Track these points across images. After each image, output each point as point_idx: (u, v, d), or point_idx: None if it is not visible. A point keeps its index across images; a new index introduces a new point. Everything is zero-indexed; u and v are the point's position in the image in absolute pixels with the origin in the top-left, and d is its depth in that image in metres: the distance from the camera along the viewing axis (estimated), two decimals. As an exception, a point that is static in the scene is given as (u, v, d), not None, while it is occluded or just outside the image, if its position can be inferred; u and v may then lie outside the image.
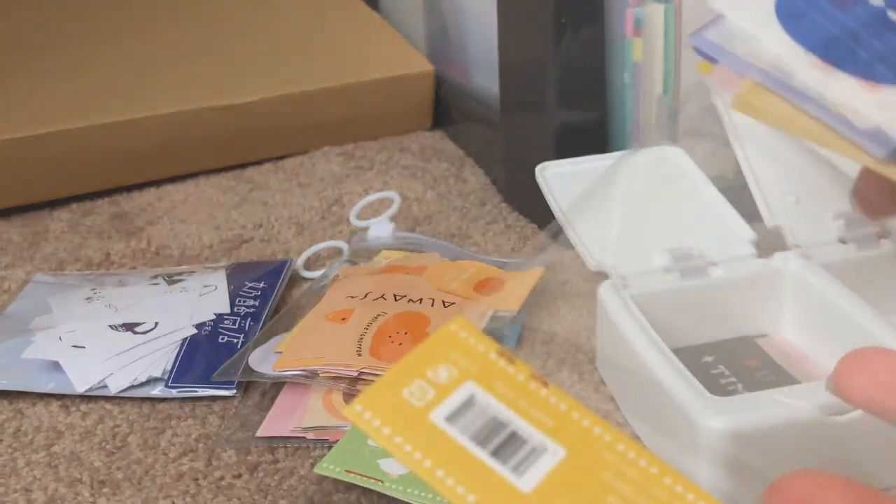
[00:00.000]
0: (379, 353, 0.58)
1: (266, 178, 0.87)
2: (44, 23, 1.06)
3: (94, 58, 0.97)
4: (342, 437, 0.53)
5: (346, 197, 0.83)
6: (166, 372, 0.60)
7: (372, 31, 1.03)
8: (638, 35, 0.71)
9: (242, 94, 0.89)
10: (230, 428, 0.57)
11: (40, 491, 0.53)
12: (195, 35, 1.02)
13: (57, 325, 0.64)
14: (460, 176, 0.86)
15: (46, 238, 0.80)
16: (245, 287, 0.68)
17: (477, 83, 0.92)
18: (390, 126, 0.94)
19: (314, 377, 0.58)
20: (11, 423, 0.59)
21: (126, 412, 0.59)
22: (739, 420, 0.47)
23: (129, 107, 0.86)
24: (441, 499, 0.49)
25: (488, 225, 0.78)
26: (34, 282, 0.72)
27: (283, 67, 0.95)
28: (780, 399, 0.48)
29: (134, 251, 0.77)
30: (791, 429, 0.47)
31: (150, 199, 0.85)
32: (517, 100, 0.78)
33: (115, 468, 0.55)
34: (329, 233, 0.78)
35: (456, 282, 0.65)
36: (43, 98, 0.89)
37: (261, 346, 0.61)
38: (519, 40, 0.76)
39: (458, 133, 0.93)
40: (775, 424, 0.47)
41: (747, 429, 0.47)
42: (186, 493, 0.53)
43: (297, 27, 1.04)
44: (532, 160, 0.77)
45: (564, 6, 0.70)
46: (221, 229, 0.79)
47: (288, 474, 0.53)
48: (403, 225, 0.78)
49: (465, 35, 0.93)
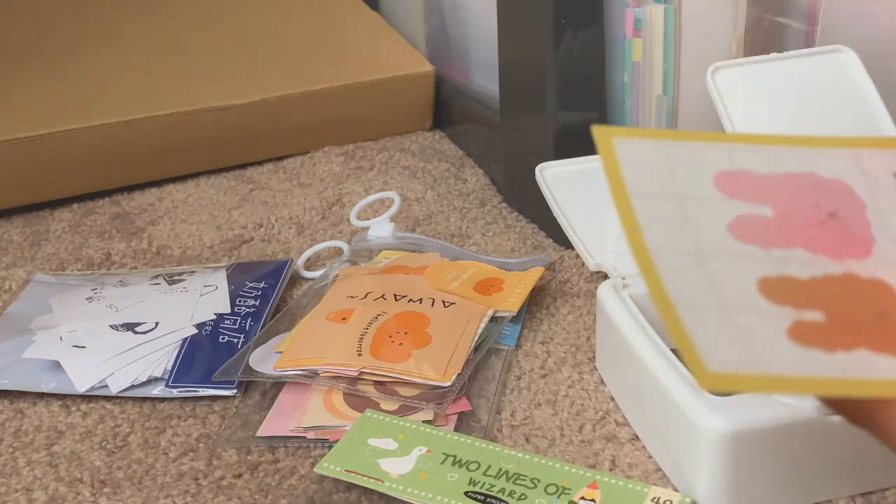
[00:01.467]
0: (379, 352, 0.58)
1: (267, 179, 0.87)
2: (44, 23, 1.06)
3: (95, 58, 0.97)
4: (342, 437, 0.53)
5: (346, 197, 0.83)
6: (167, 372, 0.60)
7: (372, 31, 1.03)
8: (637, 35, 0.72)
9: (243, 94, 0.89)
10: (230, 427, 0.57)
11: (41, 490, 0.54)
12: (195, 35, 1.02)
13: (58, 325, 0.64)
14: (460, 176, 0.86)
15: (47, 238, 0.80)
16: (245, 287, 0.68)
17: (477, 83, 0.92)
18: (390, 126, 0.94)
19: (314, 377, 0.58)
20: (12, 423, 0.59)
21: (127, 412, 0.59)
22: (740, 421, 0.47)
23: (129, 107, 0.86)
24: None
25: (488, 225, 0.78)
26: (35, 282, 0.72)
27: (283, 67, 0.95)
28: (780, 399, 0.48)
29: (135, 251, 0.77)
30: (791, 429, 0.47)
31: (151, 199, 0.85)
32: (517, 100, 0.78)
33: (115, 468, 0.55)
34: (329, 233, 0.78)
35: (456, 282, 0.65)
36: (44, 98, 0.89)
37: (261, 345, 0.61)
38: (519, 40, 0.76)
39: (458, 133, 0.93)
40: (775, 425, 0.47)
41: (747, 429, 0.47)
42: (187, 493, 0.53)
43: (298, 27, 1.04)
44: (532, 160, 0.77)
45: (564, 6, 0.70)
46: (222, 229, 0.79)
47: (288, 474, 0.54)
48: (403, 225, 0.78)
49: (465, 35, 0.93)
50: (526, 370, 0.61)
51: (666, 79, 0.73)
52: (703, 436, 0.47)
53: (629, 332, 0.54)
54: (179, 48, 0.99)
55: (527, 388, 0.59)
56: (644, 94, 0.73)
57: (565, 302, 0.67)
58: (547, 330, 0.65)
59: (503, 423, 0.56)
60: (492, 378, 0.60)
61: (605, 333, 0.58)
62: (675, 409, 0.49)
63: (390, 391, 0.57)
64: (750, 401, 0.48)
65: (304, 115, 0.90)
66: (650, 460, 0.53)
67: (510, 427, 0.56)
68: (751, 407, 0.48)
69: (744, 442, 0.47)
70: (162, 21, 1.06)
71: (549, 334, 0.64)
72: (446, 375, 0.57)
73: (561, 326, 0.65)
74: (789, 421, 0.47)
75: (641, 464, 0.53)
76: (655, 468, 0.53)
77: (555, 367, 0.61)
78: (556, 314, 0.66)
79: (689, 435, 0.48)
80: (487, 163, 0.87)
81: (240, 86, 0.90)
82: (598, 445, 0.54)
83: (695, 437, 0.48)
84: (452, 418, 0.56)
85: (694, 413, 0.48)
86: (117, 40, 1.01)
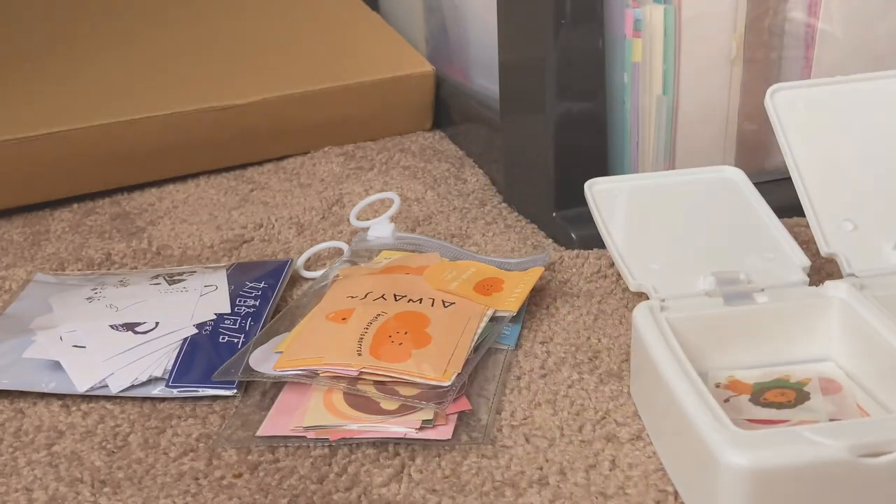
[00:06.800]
0: (379, 352, 0.58)
1: (267, 179, 0.87)
2: (44, 23, 1.06)
3: (96, 58, 0.97)
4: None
5: (346, 197, 0.83)
6: (167, 372, 0.60)
7: (372, 32, 1.03)
8: (637, 36, 0.72)
9: (243, 94, 0.89)
10: (231, 427, 0.57)
11: (41, 490, 0.54)
12: (195, 35, 1.02)
13: (58, 325, 0.64)
14: (460, 176, 0.86)
15: (47, 238, 0.80)
16: (245, 287, 0.68)
17: (477, 83, 0.92)
18: (390, 126, 0.94)
19: (314, 377, 0.58)
20: (12, 423, 0.59)
21: (127, 412, 0.59)
22: (762, 457, 0.44)
23: (129, 107, 0.86)
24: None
25: (488, 225, 0.78)
26: (35, 281, 0.72)
27: (283, 67, 0.95)
28: (809, 436, 0.45)
29: (135, 251, 0.77)
30: (817, 469, 0.44)
31: (151, 199, 0.85)
32: (517, 100, 0.78)
33: (115, 468, 0.55)
34: (329, 233, 0.78)
35: (456, 282, 0.65)
36: (44, 98, 0.89)
37: (261, 345, 0.61)
38: (519, 40, 0.76)
39: (458, 133, 0.93)
40: (800, 464, 0.44)
41: (769, 466, 0.44)
42: (187, 493, 0.53)
43: (297, 27, 1.04)
44: (531, 160, 0.77)
45: (564, 7, 0.70)
46: (222, 229, 0.79)
47: (288, 474, 0.54)
48: (403, 225, 0.78)
49: (465, 35, 0.93)
50: (526, 370, 0.61)
51: (666, 79, 0.73)
52: (723, 471, 0.45)
53: (659, 356, 0.52)
54: (179, 48, 0.99)
55: (526, 387, 0.59)
56: (644, 94, 0.74)
57: (565, 302, 0.68)
58: (547, 330, 0.65)
59: (503, 423, 0.56)
60: (492, 378, 0.60)
61: (638, 358, 0.56)
62: (698, 440, 0.47)
63: (390, 391, 0.57)
64: (775, 437, 0.45)
65: (304, 115, 0.91)
66: (650, 460, 0.53)
67: (510, 427, 0.56)
68: (776, 443, 0.45)
69: (765, 480, 0.44)
70: (162, 21, 1.06)
71: (548, 334, 0.64)
72: (446, 375, 0.57)
73: (561, 326, 0.65)
74: (816, 461, 0.44)
75: (641, 464, 0.53)
76: (655, 468, 0.53)
77: (554, 367, 0.61)
78: (556, 314, 0.66)
79: (709, 468, 0.46)
80: (487, 163, 0.87)
81: (240, 86, 0.90)
82: (598, 445, 0.54)
83: (714, 469, 0.45)
84: (452, 418, 0.56)
85: (715, 446, 0.45)
86: (117, 40, 1.01)
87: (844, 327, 0.56)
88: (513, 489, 0.51)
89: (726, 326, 0.56)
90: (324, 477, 0.53)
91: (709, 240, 0.63)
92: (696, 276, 0.60)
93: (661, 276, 0.60)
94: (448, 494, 0.51)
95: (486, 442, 0.55)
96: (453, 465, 0.53)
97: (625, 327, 0.64)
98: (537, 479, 0.52)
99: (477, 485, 0.52)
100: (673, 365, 0.51)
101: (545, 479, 0.52)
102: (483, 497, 0.51)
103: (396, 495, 0.51)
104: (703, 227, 0.65)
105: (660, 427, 0.54)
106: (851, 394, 0.54)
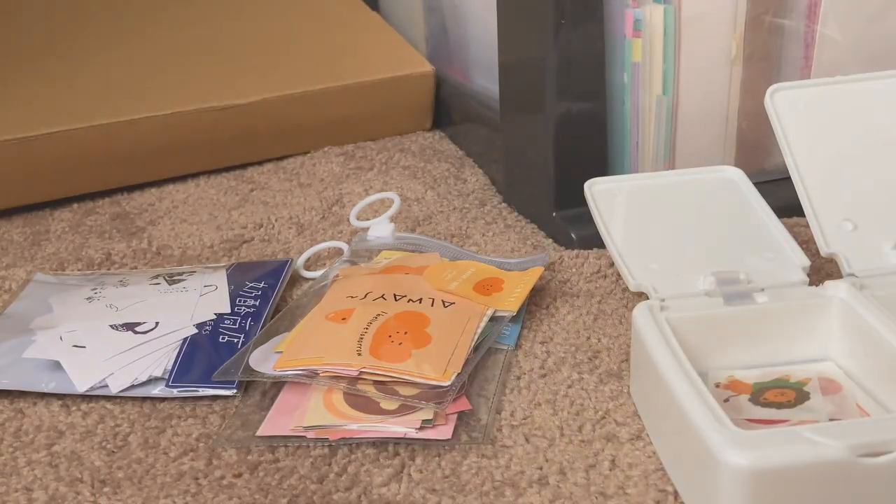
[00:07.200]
0: (379, 352, 0.58)
1: (267, 179, 0.87)
2: (44, 23, 1.06)
3: (96, 58, 0.97)
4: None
5: (346, 197, 0.83)
6: (167, 371, 0.60)
7: (372, 32, 1.03)
8: (637, 36, 0.72)
9: (243, 94, 0.89)
10: (231, 427, 0.57)
11: (41, 490, 0.54)
12: (195, 35, 1.02)
13: (58, 325, 0.64)
14: (460, 176, 0.86)
15: (47, 238, 0.80)
16: (245, 287, 0.68)
17: (477, 83, 0.92)
18: (390, 126, 0.94)
19: (314, 377, 0.58)
20: (12, 423, 0.59)
21: (127, 412, 0.59)
22: (762, 457, 0.44)
23: (129, 107, 0.86)
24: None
25: (488, 225, 0.78)
26: (35, 281, 0.72)
27: (283, 67, 0.95)
28: (809, 436, 0.45)
29: (135, 251, 0.77)
30: (817, 469, 0.44)
31: (151, 199, 0.85)
32: (517, 100, 0.78)
33: (115, 468, 0.55)
34: (329, 233, 0.78)
35: (456, 282, 0.65)
36: (44, 98, 0.89)
37: (261, 345, 0.61)
38: (519, 40, 0.76)
39: (458, 133, 0.93)
40: (800, 463, 0.44)
41: (769, 466, 0.44)
42: (187, 493, 0.53)
43: (297, 27, 1.04)
44: (531, 160, 0.77)
45: (564, 7, 0.70)
46: (222, 229, 0.79)
47: (288, 474, 0.54)
48: (403, 225, 0.78)
49: (465, 35, 0.93)
50: (525, 370, 0.61)
51: (666, 79, 0.73)
52: (722, 471, 0.45)
53: (659, 356, 0.52)
54: (179, 48, 0.99)
55: (526, 387, 0.59)
56: (644, 94, 0.74)
57: (565, 302, 0.68)
58: (547, 330, 0.65)
59: (503, 423, 0.56)
60: (491, 378, 0.60)
61: (637, 357, 0.56)
62: (697, 440, 0.47)
63: (390, 391, 0.57)
64: (775, 437, 0.45)
65: (304, 115, 0.91)
66: (650, 460, 0.53)
67: (510, 427, 0.56)
68: (775, 443, 0.45)
69: (764, 479, 0.44)
70: (162, 21, 1.06)
71: (548, 334, 0.64)
72: (446, 375, 0.57)
73: (561, 326, 0.65)
74: (814, 460, 0.44)
75: (641, 463, 0.53)
76: (655, 468, 0.53)
77: (554, 367, 0.61)
78: (556, 314, 0.66)
79: (709, 467, 0.46)
80: (487, 163, 0.87)
81: (240, 86, 0.90)
82: (598, 445, 0.54)
83: (714, 469, 0.45)
84: (452, 418, 0.56)
85: (714, 446, 0.45)
86: (117, 40, 1.01)
87: (844, 327, 0.56)
88: (513, 489, 0.51)
89: (726, 326, 0.57)
90: (324, 477, 0.53)
91: (709, 240, 0.63)
92: (696, 276, 0.60)
93: (660, 276, 0.61)
94: (448, 494, 0.51)
95: (486, 442, 0.55)
96: (453, 464, 0.53)
97: (625, 327, 0.64)
98: (537, 479, 0.52)
99: (477, 485, 0.52)
100: (673, 365, 0.51)
101: (545, 478, 0.52)
102: (483, 497, 0.51)
103: (396, 495, 0.51)
104: (703, 227, 0.65)
105: (660, 427, 0.54)
106: (851, 394, 0.54)
